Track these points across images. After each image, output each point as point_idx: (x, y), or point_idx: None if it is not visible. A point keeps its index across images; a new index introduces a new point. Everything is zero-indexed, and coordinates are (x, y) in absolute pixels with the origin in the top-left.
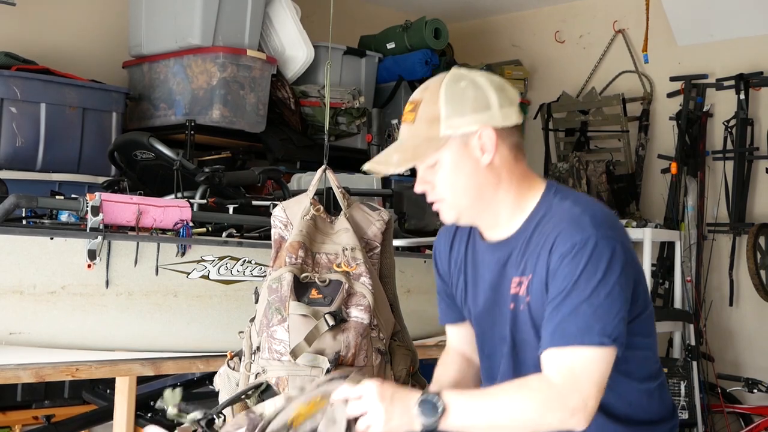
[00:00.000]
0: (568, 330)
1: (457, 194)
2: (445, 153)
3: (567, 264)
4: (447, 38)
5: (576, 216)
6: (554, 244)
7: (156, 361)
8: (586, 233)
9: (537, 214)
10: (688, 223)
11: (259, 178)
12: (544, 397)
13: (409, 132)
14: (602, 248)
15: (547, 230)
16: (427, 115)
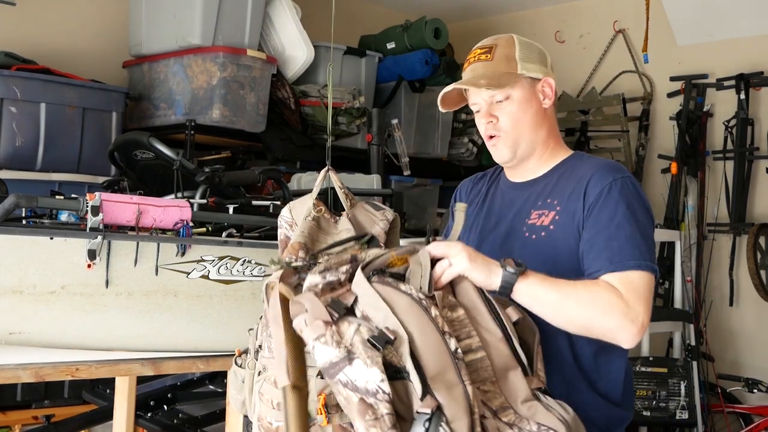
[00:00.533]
0: (626, 255)
1: (519, 128)
2: (518, 89)
3: (607, 197)
4: (447, 38)
5: (607, 162)
6: (589, 183)
7: (156, 361)
8: (619, 172)
9: (565, 164)
10: (688, 223)
11: (259, 178)
12: (613, 300)
13: (488, 67)
14: (636, 186)
15: (579, 174)
16: (505, 55)
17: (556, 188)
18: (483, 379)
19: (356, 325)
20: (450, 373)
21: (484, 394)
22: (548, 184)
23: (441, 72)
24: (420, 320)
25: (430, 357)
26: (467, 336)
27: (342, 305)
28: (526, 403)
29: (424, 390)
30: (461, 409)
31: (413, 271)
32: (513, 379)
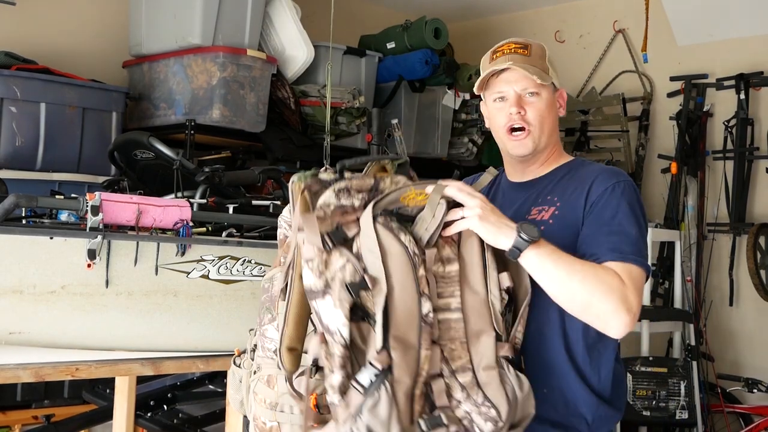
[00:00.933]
0: (626, 249)
1: (543, 126)
2: (546, 90)
3: (611, 195)
4: (447, 38)
5: (609, 167)
6: (593, 183)
7: (156, 360)
8: (621, 176)
9: (567, 167)
10: (688, 223)
11: (259, 178)
12: (615, 285)
13: (527, 61)
14: (636, 191)
15: (581, 176)
16: (540, 56)
17: (557, 187)
18: (452, 338)
19: (344, 261)
20: (412, 334)
21: (451, 352)
22: (549, 184)
23: (441, 72)
24: (404, 277)
25: (401, 315)
26: (450, 295)
27: (341, 236)
28: (488, 370)
29: (383, 345)
30: (407, 373)
31: (423, 217)
32: (484, 343)
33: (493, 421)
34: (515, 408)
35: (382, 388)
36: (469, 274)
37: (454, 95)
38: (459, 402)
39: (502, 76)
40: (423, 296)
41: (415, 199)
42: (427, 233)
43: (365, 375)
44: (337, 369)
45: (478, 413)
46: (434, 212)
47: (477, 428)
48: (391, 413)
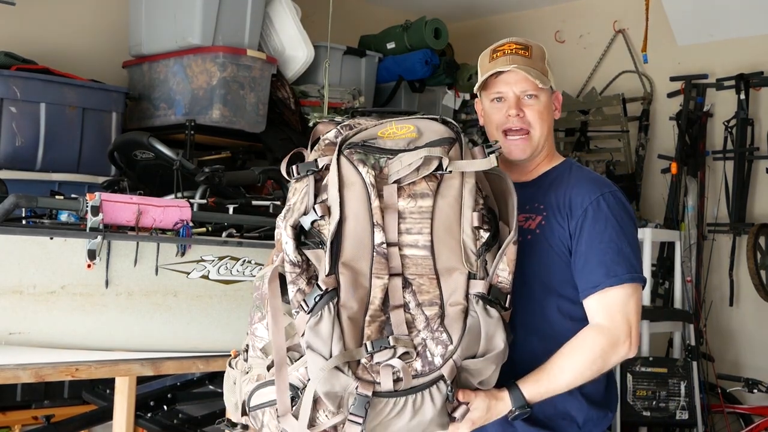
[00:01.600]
0: (619, 268)
1: (542, 130)
2: (545, 93)
3: (595, 212)
4: (447, 38)
5: (597, 177)
6: (577, 196)
7: (156, 361)
8: (605, 187)
9: (556, 171)
10: (688, 223)
11: (259, 178)
12: (602, 346)
13: (528, 63)
14: (622, 199)
15: (566, 185)
16: (540, 58)
17: (545, 194)
18: (420, 273)
19: (302, 194)
20: (363, 262)
21: (419, 286)
22: (538, 189)
23: (441, 72)
24: (359, 206)
25: (352, 243)
26: (418, 231)
27: (307, 168)
28: (454, 305)
29: (331, 269)
30: (354, 298)
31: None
32: (456, 279)
33: (444, 344)
34: (475, 337)
35: (326, 308)
36: (444, 211)
37: (454, 95)
38: (419, 331)
39: (502, 76)
40: (376, 227)
41: (395, 134)
42: (396, 175)
43: (311, 295)
44: (289, 284)
45: (432, 338)
46: (411, 162)
47: (429, 353)
48: (333, 332)
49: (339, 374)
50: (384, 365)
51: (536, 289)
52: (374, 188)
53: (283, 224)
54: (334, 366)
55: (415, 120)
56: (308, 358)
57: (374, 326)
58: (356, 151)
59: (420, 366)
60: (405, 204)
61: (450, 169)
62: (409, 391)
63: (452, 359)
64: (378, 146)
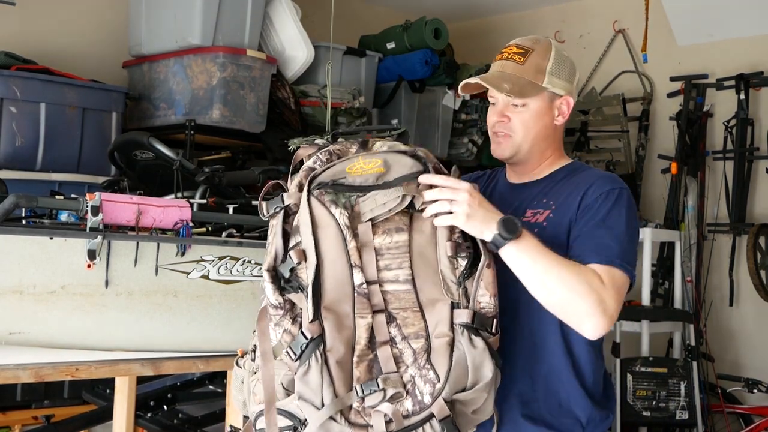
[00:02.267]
0: (612, 253)
1: (526, 137)
2: (537, 100)
3: (605, 199)
4: (447, 38)
5: (607, 174)
6: (590, 187)
7: (156, 361)
8: (618, 183)
9: (565, 171)
10: (688, 223)
11: (259, 178)
12: (594, 286)
13: (517, 70)
14: (631, 199)
15: (578, 180)
16: (536, 65)
17: (553, 190)
18: (404, 307)
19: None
20: (345, 305)
21: (404, 319)
22: (546, 186)
23: (441, 72)
24: (335, 249)
25: (332, 285)
26: (398, 267)
27: (275, 204)
28: (440, 337)
29: (314, 315)
30: (341, 341)
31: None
32: (439, 311)
33: (431, 383)
34: (462, 370)
35: (313, 357)
36: (421, 243)
37: (454, 95)
38: (407, 367)
39: None
40: (355, 268)
41: (362, 169)
42: (370, 213)
43: (297, 343)
44: (275, 327)
45: (420, 376)
46: (386, 201)
47: (418, 391)
48: (322, 381)
49: (332, 423)
50: (375, 411)
51: None
52: (349, 229)
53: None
54: (326, 418)
55: (383, 154)
56: (301, 407)
57: (363, 366)
58: (326, 191)
59: (410, 405)
60: (381, 240)
61: (421, 207)
62: None
63: (441, 397)
64: (348, 184)
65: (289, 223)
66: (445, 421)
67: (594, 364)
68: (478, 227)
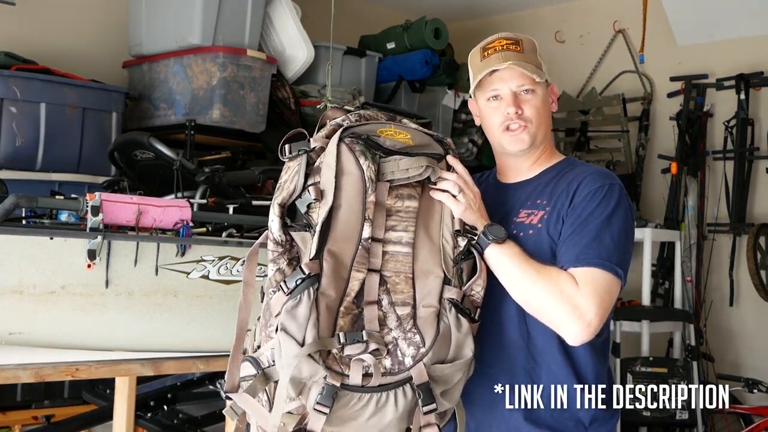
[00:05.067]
0: (592, 253)
1: (540, 124)
2: (541, 86)
3: (591, 198)
4: (447, 38)
5: (598, 169)
6: (579, 185)
7: (156, 361)
8: (608, 179)
9: (557, 168)
10: (688, 223)
11: (259, 178)
12: (566, 292)
13: (521, 57)
14: (623, 194)
15: (570, 177)
16: (532, 50)
17: (546, 190)
18: (398, 270)
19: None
20: (347, 252)
21: (394, 285)
22: (539, 186)
23: (441, 72)
24: (353, 197)
25: (341, 231)
26: (403, 229)
27: (299, 147)
28: (427, 307)
29: (316, 254)
30: (333, 287)
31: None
32: (430, 282)
33: (416, 346)
34: (445, 342)
35: (305, 293)
36: (427, 215)
37: (454, 95)
38: (390, 330)
39: (497, 74)
40: (366, 221)
41: (393, 136)
42: (391, 175)
43: (291, 278)
44: (270, 263)
45: (404, 338)
46: (409, 167)
47: (400, 352)
48: (309, 317)
49: (310, 360)
50: (355, 359)
51: None
52: (372, 182)
53: (273, 199)
54: (307, 354)
55: (413, 130)
56: (281, 340)
57: (347, 318)
58: (358, 142)
59: (389, 364)
60: (392, 203)
61: (435, 180)
62: (377, 389)
63: (422, 362)
64: (378, 143)
65: (309, 169)
66: (422, 387)
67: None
68: (470, 221)
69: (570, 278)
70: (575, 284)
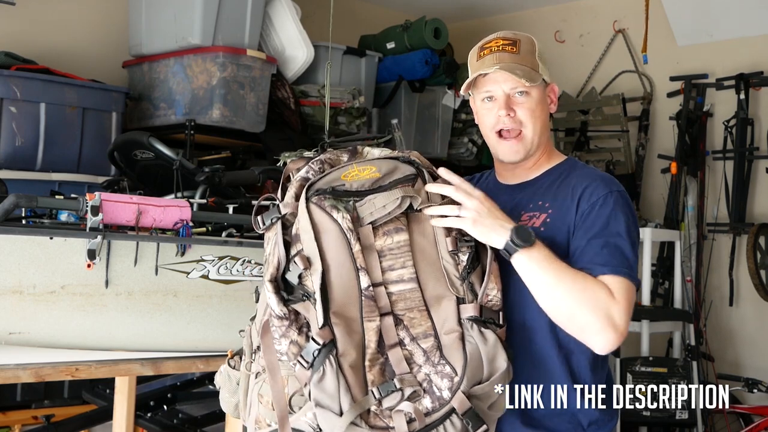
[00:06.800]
0: (618, 261)
1: (535, 128)
2: (537, 88)
3: (601, 207)
4: (447, 38)
5: (604, 174)
6: (584, 192)
7: (156, 361)
8: (613, 186)
9: (559, 169)
10: (688, 223)
11: (259, 178)
12: (602, 300)
13: (515, 59)
14: (629, 201)
15: (573, 182)
16: (529, 51)
17: (549, 192)
18: (410, 307)
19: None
20: (353, 308)
21: (410, 320)
22: (540, 187)
23: (441, 72)
24: (340, 253)
25: (339, 290)
26: (401, 266)
27: (272, 215)
28: (449, 333)
29: (324, 321)
30: (352, 346)
31: (374, 202)
32: (444, 308)
33: (449, 377)
34: (477, 363)
35: (327, 362)
36: (420, 242)
37: (454, 95)
38: (420, 366)
39: (490, 75)
40: (361, 271)
41: (358, 175)
42: (370, 217)
43: (308, 350)
44: (280, 338)
45: (436, 373)
46: (386, 204)
47: (435, 388)
48: (339, 386)
49: (353, 428)
50: (396, 411)
51: None
52: (352, 232)
53: (263, 279)
54: (348, 423)
55: (376, 161)
56: (318, 415)
57: (375, 370)
58: (325, 197)
59: (429, 403)
60: (382, 242)
61: (419, 208)
62: (424, 430)
63: (460, 390)
64: (345, 189)
65: (287, 234)
66: (467, 414)
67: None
68: (486, 233)
69: (604, 287)
70: (610, 294)
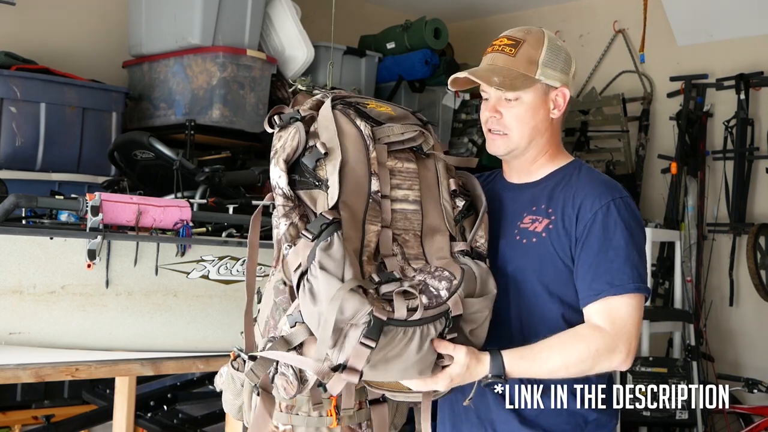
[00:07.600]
0: (625, 277)
1: (521, 132)
2: (530, 93)
3: (603, 218)
4: (447, 38)
5: (607, 180)
6: (585, 200)
7: (156, 361)
8: (615, 193)
9: (563, 172)
10: (688, 223)
11: (259, 178)
12: (597, 347)
13: (508, 63)
14: (634, 208)
15: (575, 188)
16: (528, 56)
17: (552, 196)
18: (407, 228)
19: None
20: (360, 205)
21: (405, 242)
22: (544, 190)
23: (441, 72)
24: (357, 153)
25: (351, 186)
26: (408, 188)
27: (290, 116)
28: (441, 259)
29: (335, 204)
30: (355, 233)
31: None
32: (438, 240)
33: (448, 280)
34: (471, 278)
35: (335, 235)
36: (426, 176)
37: (454, 95)
38: (414, 275)
39: None
40: (373, 175)
41: (377, 108)
42: (387, 139)
43: (315, 224)
44: (281, 218)
45: (432, 277)
46: (404, 131)
47: (432, 288)
48: (345, 255)
49: (354, 295)
50: (397, 293)
51: (539, 293)
52: (371, 140)
53: (274, 160)
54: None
55: (391, 105)
56: (321, 279)
57: (371, 268)
58: (350, 109)
59: (426, 300)
60: (393, 164)
61: (428, 151)
62: (419, 321)
63: (457, 293)
64: (366, 113)
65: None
66: (453, 318)
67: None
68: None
69: (589, 333)
70: (597, 334)
